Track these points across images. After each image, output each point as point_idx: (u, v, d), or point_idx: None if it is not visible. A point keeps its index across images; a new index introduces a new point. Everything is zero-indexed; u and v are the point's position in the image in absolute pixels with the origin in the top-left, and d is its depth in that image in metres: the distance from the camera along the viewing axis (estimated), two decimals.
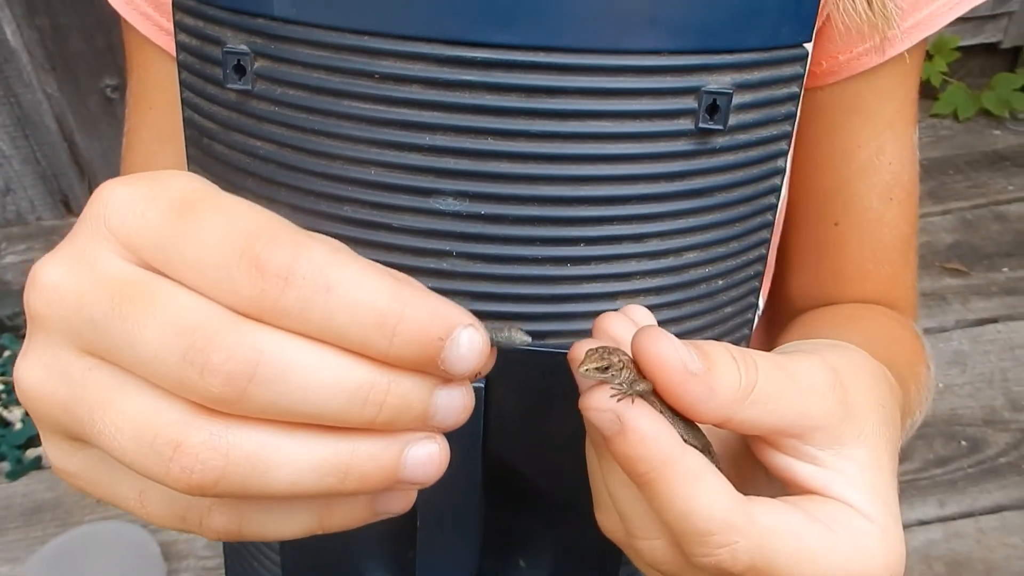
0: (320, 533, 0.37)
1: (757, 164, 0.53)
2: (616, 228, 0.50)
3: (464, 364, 0.32)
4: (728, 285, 0.56)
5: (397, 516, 0.38)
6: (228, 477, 0.31)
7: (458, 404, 0.34)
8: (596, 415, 0.39)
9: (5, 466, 2.06)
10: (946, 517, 1.90)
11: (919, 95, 0.73)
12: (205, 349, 0.30)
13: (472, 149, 0.48)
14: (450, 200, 0.49)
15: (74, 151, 2.64)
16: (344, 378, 0.31)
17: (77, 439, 0.36)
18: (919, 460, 2.00)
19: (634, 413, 0.38)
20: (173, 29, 0.54)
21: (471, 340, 0.32)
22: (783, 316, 0.81)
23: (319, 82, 0.48)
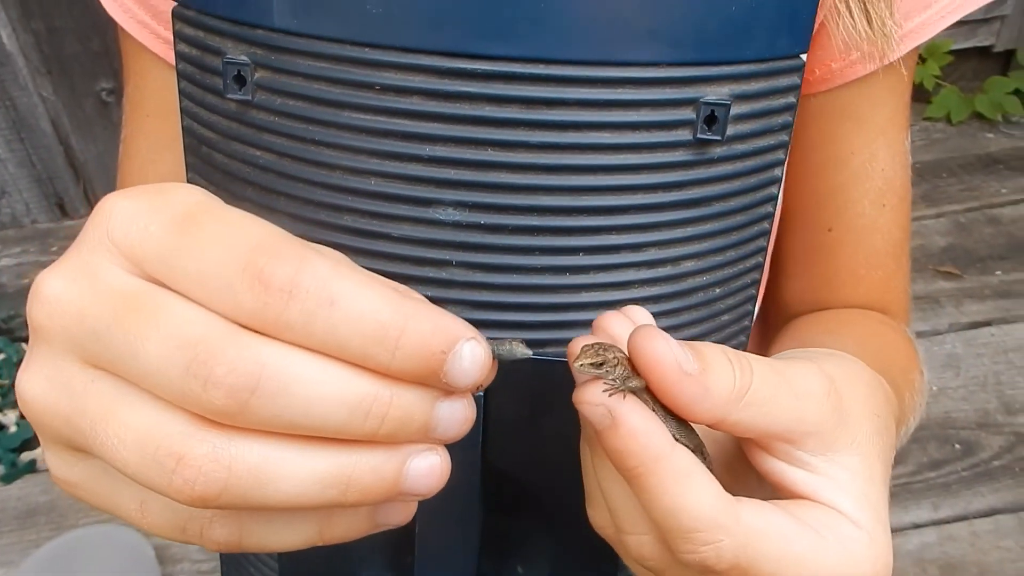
0: (320, 545, 0.37)
1: (754, 174, 0.53)
2: (615, 238, 0.50)
3: (466, 377, 0.33)
4: (725, 293, 0.57)
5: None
6: (230, 489, 0.31)
7: (459, 416, 0.34)
8: (588, 409, 0.40)
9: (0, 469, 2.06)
10: (940, 520, 1.90)
11: (912, 99, 0.73)
12: (208, 362, 0.30)
13: (472, 160, 0.48)
14: (450, 210, 0.49)
15: (69, 154, 2.63)
16: (346, 391, 0.31)
17: (79, 450, 0.36)
18: (913, 463, 2.01)
19: (626, 408, 0.39)
20: (172, 38, 0.54)
21: (473, 353, 0.33)
22: (776, 321, 0.81)
23: (319, 93, 0.48)
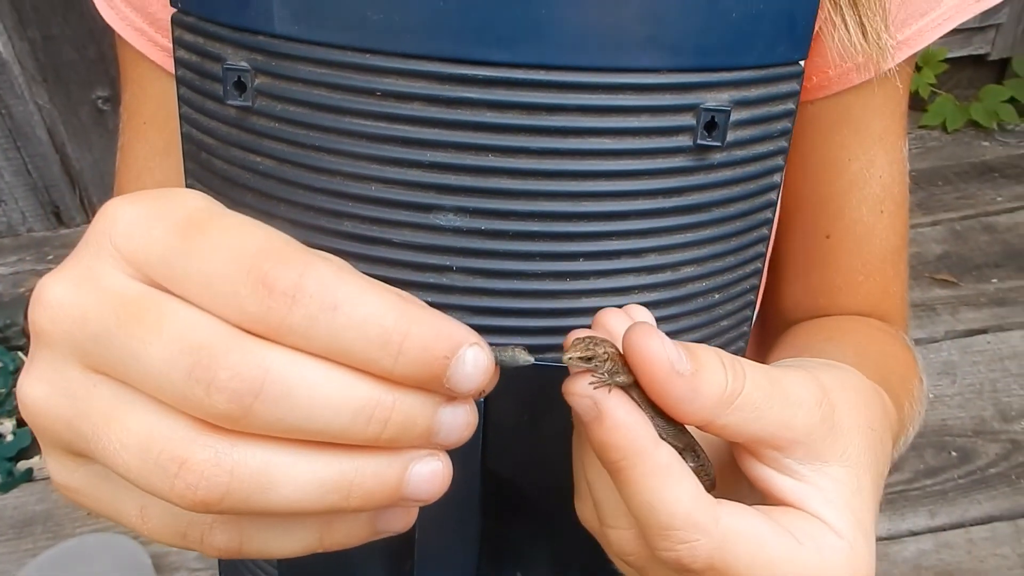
0: (320, 551, 0.37)
1: (754, 179, 0.53)
2: (615, 243, 0.51)
3: (469, 382, 0.33)
4: (724, 299, 0.57)
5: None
6: (233, 494, 0.31)
7: (462, 421, 0.34)
8: (575, 400, 0.40)
9: None
10: (936, 528, 1.90)
11: (908, 107, 0.74)
12: (211, 366, 0.30)
13: (473, 165, 0.48)
14: (450, 216, 0.49)
15: (65, 162, 2.64)
16: (349, 395, 0.31)
17: (80, 455, 0.36)
18: (909, 471, 2.01)
19: (612, 402, 0.39)
20: (172, 45, 0.54)
21: (476, 358, 0.33)
22: (775, 326, 0.81)
23: (320, 99, 0.48)
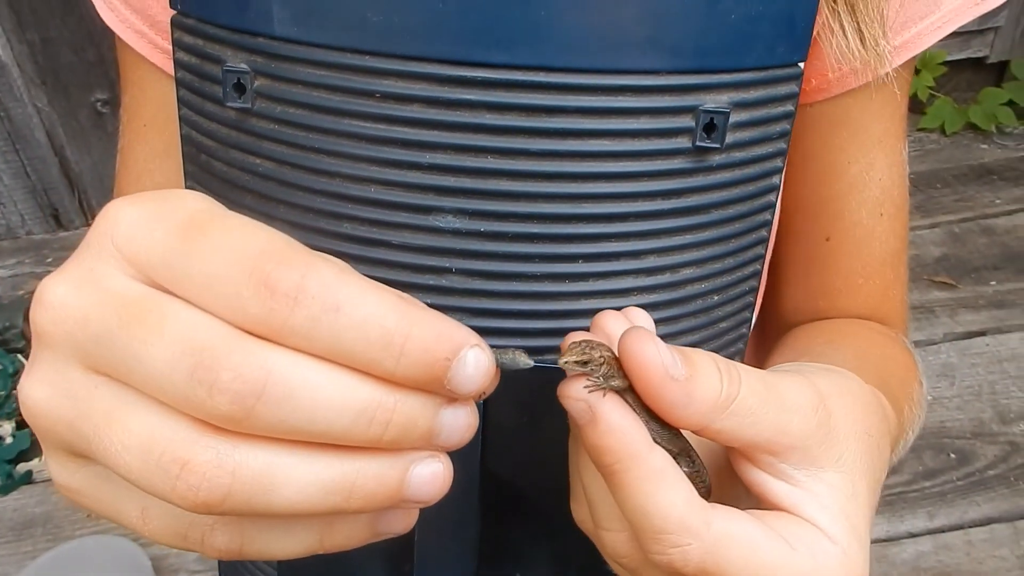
0: (321, 552, 0.37)
1: (753, 181, 0.53)
2: (614, 245, 0.51)
3: (470, 384, 0.33)
4: (724, 300, 0.57)
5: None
6: (234, 495, 0.31)
7: (463, 423, 0.34)
8: (570, 403, 0.40)
9: None
10: (935, 530, 1.90)
11: (907, 110, 0.74)
12: (213, 367, 0.30)
13: (472, 167, 0.48)
14: (450, 218, 0.49)
15: (64, 165, 2.64)
16: (351, 397, 0.31)
17: (81, 456, 0.36)
18: (908, 472, 2.01)
19: (607, 406, 0.39)
20: (171, 47, 0.54)
21: (477, 360, 0.33)
22: (775, 329, 0.81)
23: (320, 101, 0.48)
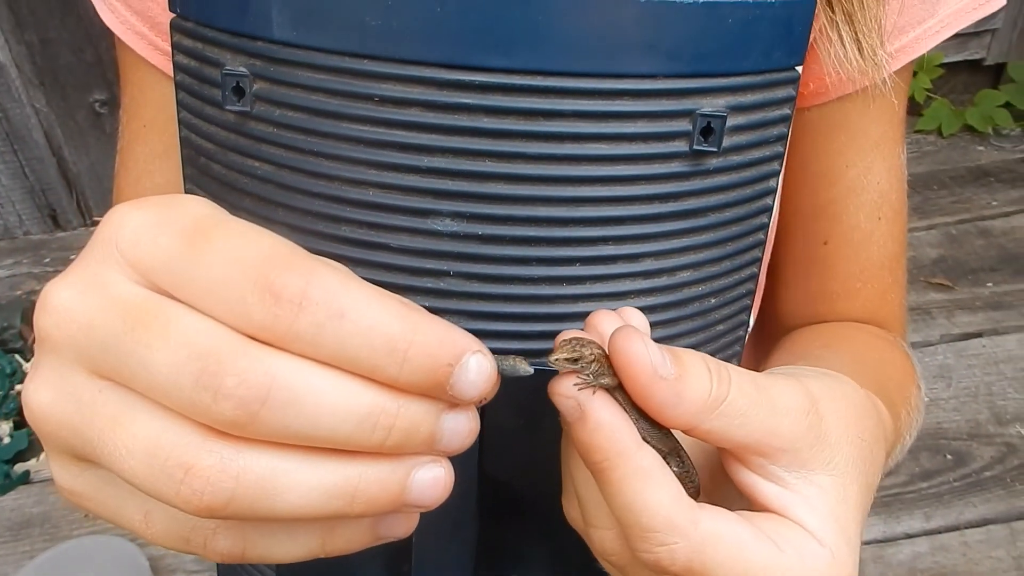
0: (322, 556, 0.37)
1: (750, 185, 0.54)
2: (611, 248, 0.51)
3: (472, 389, 0.33)
4: (720, 303, 0.57)
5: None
6: (238, 499, 0.31)
7: (464, 428, 0.35)
8: (560, 400, 0.40)
9: None
10: (932, 531, 1.90)
11: (905, 113, 0.74)
12: (218, 373, 0.30)
13: (470, 171, 0.48)
14: (448, 221, 0.49)
15: (62, 165, 2.64)
16: (355, 402, 0.32)
17: (84, 460, 0.36)
18: (905, 474, 2.01)
19: (596, 404, 0.40)
20: (171, 50, 0.54)
21: (479, 366, 0.33)
22: (773, 332, 0.81)
23: (318, 104, 0.48)
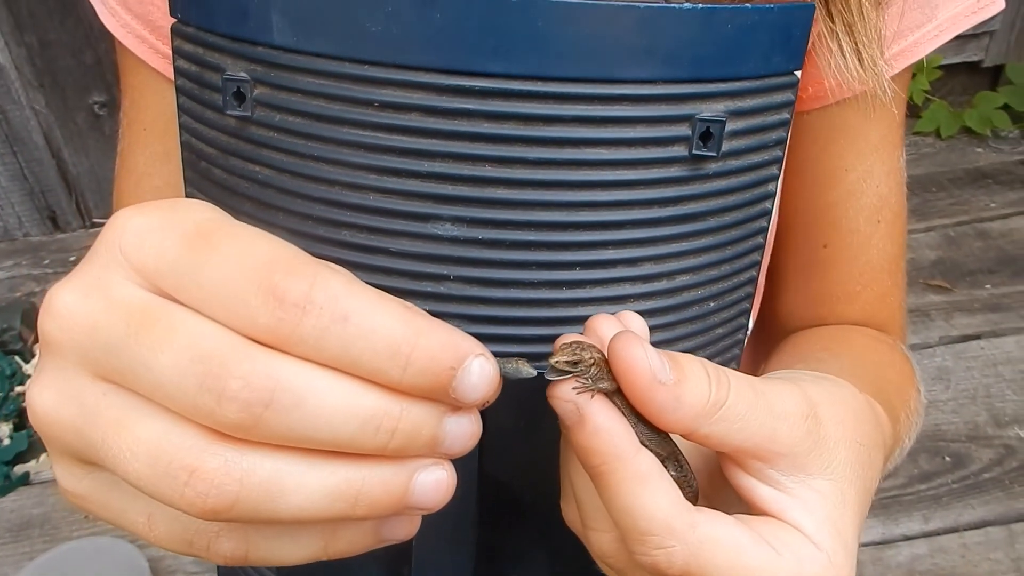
0: (325, 559, 0.37)
1: (749, 189, 0.54)
2: (610, 252, 0.51)
3: (475, 392, 0.33)
4: (719, 307, 0.57)
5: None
6: (242, 502, 0.32)
7: (466, 431, 0.35)
8: (559, 404, 0.41)
9: None
10: (930, 532, 1.91)
11: (904, 116, 0.74)
12: (222, 376, 0.30)
13: (470, 176, 0.48)
14: (448, 225, 0.49)
15: (62, 167, 2.64)
16: (358, 405, 0.32)
17: (88, 462, 0.36)
18: (903, 476, 2.01)
19: (594, 408, 0.40)
20: (171, 54, 0.54)
21: (482, 369, 0.33)
22: (772, 336, 0.81)
23: (319, 109, 0.48)
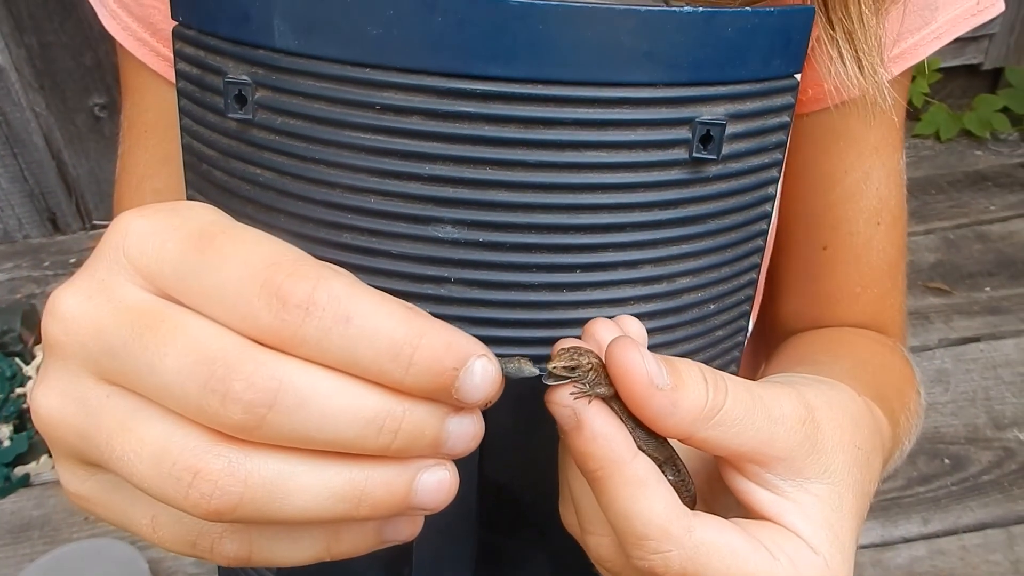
0: (328, 560, 0.38)
1: (749, 192, 0.54)
2: (611, 255, 0.51)
3: (477, 393, 0.34)
4: (719, 310, 0.57)
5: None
6: (246, 503, 0.32)
7: (469, 432, 0.35)
8: (557, 409, 0.41)
9: None
10: (929, 535, 1.91)
11: (904, 119, 0.75)
12: (226, 377, 0.31)
13: (471, 178, 0.48)
14: (449, 228, 0.49)
15: (62, 169, 2.64)
16: (361, 406, 0.32)
17: (92, 464, 0.36)
18: (902, 478, 2.01)
19: (591, 413, 0.40)
20: (173, 57, 0.54)
21: (484, 370, 0.34)
22: (772, 338, 0.82)
23: (320, 112, 0.48)
